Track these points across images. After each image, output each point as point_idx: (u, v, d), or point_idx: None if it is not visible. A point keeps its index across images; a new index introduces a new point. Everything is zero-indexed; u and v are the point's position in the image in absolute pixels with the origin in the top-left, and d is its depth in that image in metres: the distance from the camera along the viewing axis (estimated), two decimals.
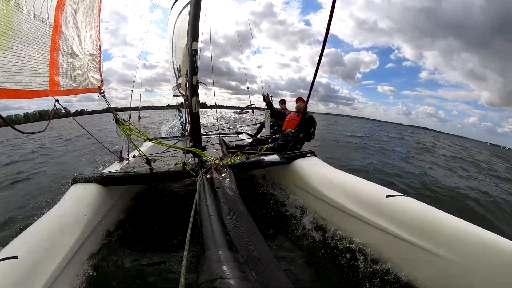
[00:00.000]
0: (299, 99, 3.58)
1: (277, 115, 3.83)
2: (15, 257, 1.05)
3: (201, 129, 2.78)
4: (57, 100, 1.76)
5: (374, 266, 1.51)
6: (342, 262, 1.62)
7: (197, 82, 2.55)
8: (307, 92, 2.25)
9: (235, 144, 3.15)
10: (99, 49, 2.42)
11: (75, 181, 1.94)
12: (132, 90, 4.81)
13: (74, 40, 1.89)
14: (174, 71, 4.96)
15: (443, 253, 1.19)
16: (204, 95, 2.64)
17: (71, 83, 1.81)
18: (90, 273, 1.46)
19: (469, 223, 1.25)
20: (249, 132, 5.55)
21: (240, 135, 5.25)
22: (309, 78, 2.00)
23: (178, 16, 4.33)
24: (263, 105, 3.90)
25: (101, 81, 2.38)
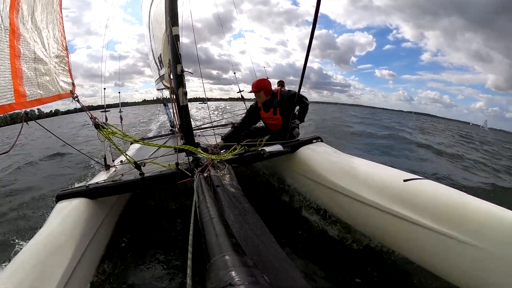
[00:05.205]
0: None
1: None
2: None
3: (192, 123, 2.74)
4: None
5: (393, 257, 1.52)
6: (360, 254, 1.63)
7: (182, 71, 2.49)
8: (298, 79, 2.21)
9: (224, 135, 2.94)
10: (66, 49, 2.30)
11: (59, 198, 1.91)
12: (120, 87, 4.73)
13: (36, 43, 1.79)
14: (156, 62, 4.85)
15: (473, 241, 1.15)
16: None
17: (39, 91, 1.72)
18: None
19: (501, 207, 1.20)
20: None
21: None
22: (299, 64, 1.98)
23: None
24: (250, 95, 3.80)
25: (73, 84, 2.31)
